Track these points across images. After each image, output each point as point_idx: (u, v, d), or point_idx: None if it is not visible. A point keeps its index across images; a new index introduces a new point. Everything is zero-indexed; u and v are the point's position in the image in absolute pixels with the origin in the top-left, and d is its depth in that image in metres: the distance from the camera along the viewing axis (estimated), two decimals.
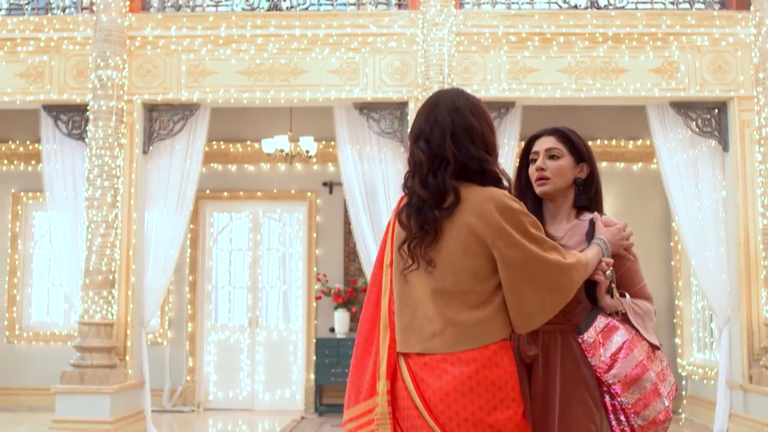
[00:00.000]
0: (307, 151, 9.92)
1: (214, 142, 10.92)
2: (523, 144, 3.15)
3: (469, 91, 7.70)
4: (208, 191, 11.05)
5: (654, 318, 3.00)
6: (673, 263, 10.57)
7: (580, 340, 2.78)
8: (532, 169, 3.04)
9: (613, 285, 2.86)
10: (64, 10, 8.84)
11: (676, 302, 10.48)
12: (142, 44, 8.64)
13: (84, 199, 8.31)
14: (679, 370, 10.25)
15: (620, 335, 2.79)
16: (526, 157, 3.13)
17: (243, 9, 8.77)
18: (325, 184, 11.11)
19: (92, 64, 8.39)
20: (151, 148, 8.71)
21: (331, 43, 8.57)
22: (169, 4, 8.81)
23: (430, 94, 2.98)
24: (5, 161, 11.19)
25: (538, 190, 3.02)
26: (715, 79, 8.41)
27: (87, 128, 8.40)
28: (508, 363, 2.46)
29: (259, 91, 8.57)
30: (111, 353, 8.19)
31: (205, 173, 10.92)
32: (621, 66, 8.46)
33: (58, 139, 8.77)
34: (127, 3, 8.55)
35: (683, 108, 8.50)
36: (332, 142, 9.68)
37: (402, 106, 8.51)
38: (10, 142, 11.11)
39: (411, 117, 8.20)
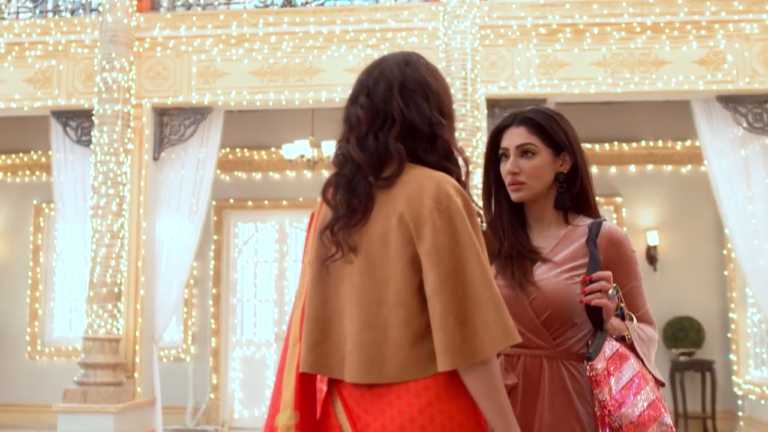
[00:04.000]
0: (329, 157, 9.40)
1: (237, 149, 10.52)
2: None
3: (496, 88, 7.13)
4: (231, 200, 10.63)
5: (656, 346, 2.46)
6: (726, 272, 9.79)
7: (588, 368, 2.23)
8: (503, 168, 2.48)
9: (623, 304, 2.32)
10: (72, 12, 8.50)
11: (730, 315, 9.69)
12: (151, 46, 8.25)
13: (89, 207, 7.93)
14: (735, 389, 9.47)
15: (630, 366, 2.27)
16: (494, 152, 2.56)
17: (256, 6, 8.32)
18: None
19: (97, 67, 8.02)
20: (162, 154, 8.30)
21: (348, 40, 8.07)
22: (179, 2, 8.40)
23: (453, 93, 2.46)
24: (27, 172, 10.93)
25: (513, 196, 2.47)
26: (766, 70, 7.67)
27: (92, 133, 8.03)
28: (467, 394, 1.89)
29: (273, 92, 8.10)
30: (117, 370, 7.76)
31: (229, 182, 10.53)
32: (661, 58, 7.77)
33: (68, 147, 8.43)
34: (134, 3, 8.16)
35: (731, 102, 7.77)
36: None
37: None
38: (32, 152, 10.85)
39: None
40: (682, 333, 9.61)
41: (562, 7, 7.86)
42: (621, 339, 2.33)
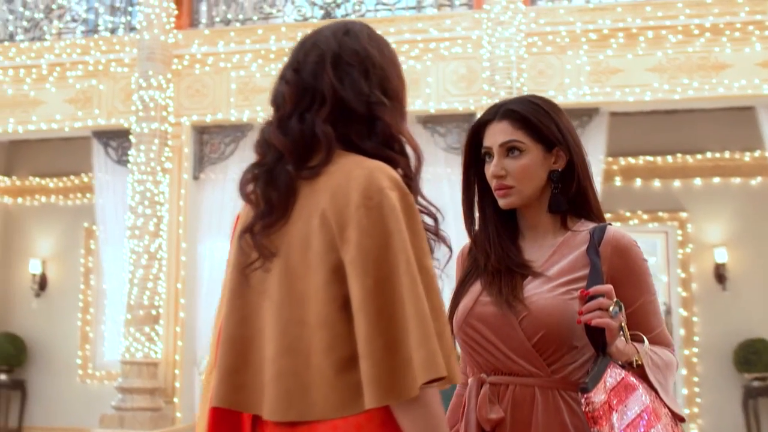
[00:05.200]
0: None
1: None
2: (609, 158, 2.23)
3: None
4: None
5: (675, 372, 2.05)
6: None
7: (584, 402, 1.87)
8: (487, 170, 2.12)
9: (624, 324, 1.92)
10: (112, 32, 8.41)
11: None
12: (190, 63, 8.09)
13: (126, 228, 7.78)
14: None
15: (639, 398, 1.90)
16: (475, 152, 2.20)
17: (295, 20, 8.10)
18: None
19: (134, 85, 7.89)
20: (201, 174, 8.11)
21: None
22: (218, 18, 8.23)
23: (497, 102, 2.14)
24: (78, 194, 10.89)
25: (501, 203, 2.11)
26: None
27: (130, 152, 7.89)
28: None
29: None
30: (155, 395, 7.55)
31: None
32: (722, 61, 7.27)
33: (110, 167, 8.33)
34: (172, 20, 8.02)
35: None
36: None
37: (469, 117, 7.56)
38: (81, 174, 10.81)
39: None
40: (755, 356, 8.96)
41: (614, 11, 7.43)
42: (630, 365, 1.96)
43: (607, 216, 7.54)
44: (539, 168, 2.09)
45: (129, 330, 7.55)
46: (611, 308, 1.88)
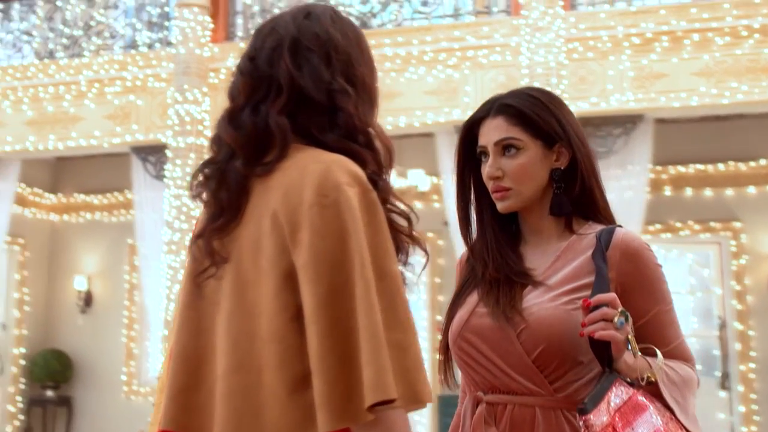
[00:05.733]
0: (416, 187, 8.94)
1: None
2: (658, 167, 2.06)
3: (587, 105, 6.52)
4: None
5: (695, 390, 1.84)
6: None
7: (582, 424, 1.69)
8: (484, 171, 1.95)
9: (631, 336, 1.73)
10: (149, 47, 8.41)
11: None
12: (226, 76, 8.03)
13: (163, 243, 7.73)
14: None
15: (648, 420, 1.71)
16: (468, 150, 2.03)
17: None
18: (446, 223, 10.07)
19: (170, 100, 7.86)
20: None
21: (427, 61, 7.61)
22: (254, 31, 8.16)
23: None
24: (122, 210, 10.92)
25: (498, 206, 1.94)
26: None
27: (166, 167, 7.86)
28: None
29: None
30: None
31: None
32: None
33: (148, 183, 8.32)
34: (208, 33, 7.98)
35: None
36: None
37: None
38: (125, 190, 10.85)
39: None
40: None
41: (657, 14, 7.17)
42: (641, 382, 1.76)
43: (657, 227, 7.24)
44: (539, 167, 1.92)
45: (165, 346, 7.47)
46: (616, 319, 1.70)
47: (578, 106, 7.11)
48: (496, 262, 1.94)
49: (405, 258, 1.53)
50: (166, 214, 7.69)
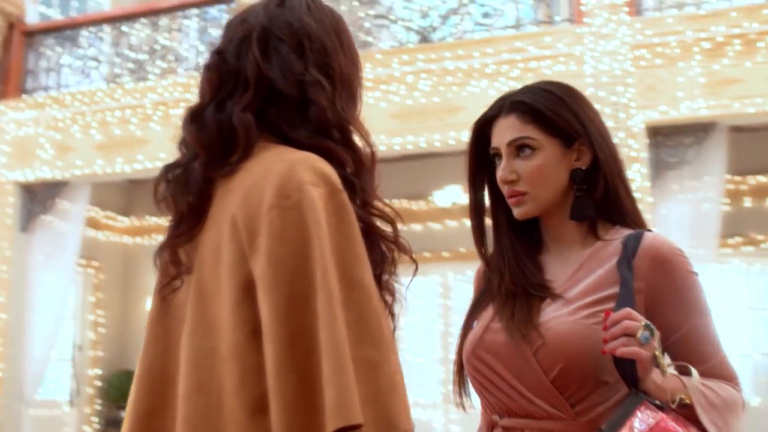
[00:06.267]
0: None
1: (394, 200, 10.10)
2: (736, 177, 1.90)
3: (656, 113, 6.26)
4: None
5: (740, 414, 1.64)
6: None
7: None
8: (498, 175, 1.80)
9: (658, 352, 1.54)
10: None
11: None
12: None
13: None
14: None
15: None
16: (481, 153, 1.88)
17: (391, 46, 7.91)
18: None
19: None
20: None
21: (489, 74, 7.43)
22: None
23: (603, 121, 1.87)
24: None
25: (515, 213, 1.78)
26: None
27: None
28: None
29: (411, 134, 7.61)
30: None
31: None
32: None
33: None
34: None
35: None
36: None
37: None
38: None
39: None
40: None
41: (728, 17, 6.85)
42: (674, 404, 1.58)
43: (737, 240, 6.84)
44: (557, 167, 1.76)
45: None
46: (639, 333, 1.52)
47: (647, 116, 6.85)
48: (512, 273, 1.78)
49: (392, 267, 1.40)
50: None
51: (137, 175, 8.86)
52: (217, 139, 1.36)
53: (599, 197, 1.76)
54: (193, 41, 8.60)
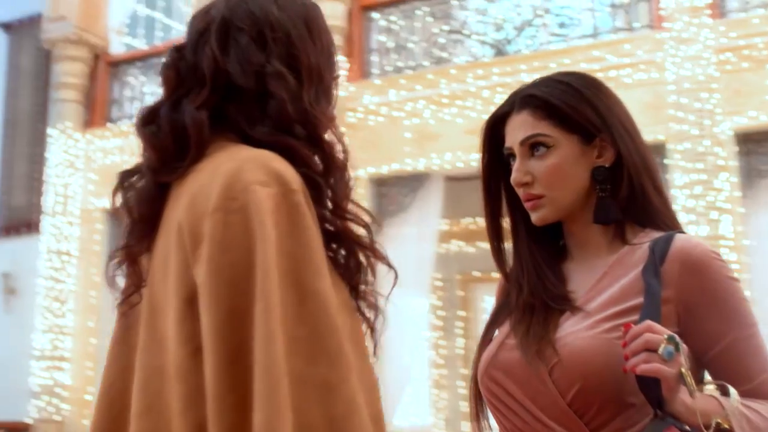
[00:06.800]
0: None
1: (478, 218, 9.94)
2: None
3: (745, 119, 5.98)
4: (477, 273, 10.02)
5: None
6: None
7: None
8: (512, 177, 1.66)
9: (685, 369, 1.37)
10: None
11: None
12: (364, 114, 7.97)
13: None
14: None
15: None
16: (495, 153, 1.73)
17: (467, 61, 7.79)
18: None
19: None
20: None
21: None
22: (389, 68, 8.08)
23: (687, 129, 1.74)
24: None
25: (533, 218, 1.63)
26: None
27: None
28: None
29: None
30: None
31: (474, 253, 9.96)
32: None
33: None
34: (343, 72, 7.96)
35: None
36: None
37: (659, 149, 6.84)
38: None
39: (669, 161, 6.57)
40: None
41: None
42: (718, 430, 1.40)
43: None
44: (576, 166, 1.60)
45: None
46: (661, 348, 1.35)
47: (734, 122, 6.53)
48: (531, 285, 1.62)
49: (366, 276, 1.28)
50: None
51: None
52: (170, 141, 1.25)
53: (625, 197, 1.60)
54: None
